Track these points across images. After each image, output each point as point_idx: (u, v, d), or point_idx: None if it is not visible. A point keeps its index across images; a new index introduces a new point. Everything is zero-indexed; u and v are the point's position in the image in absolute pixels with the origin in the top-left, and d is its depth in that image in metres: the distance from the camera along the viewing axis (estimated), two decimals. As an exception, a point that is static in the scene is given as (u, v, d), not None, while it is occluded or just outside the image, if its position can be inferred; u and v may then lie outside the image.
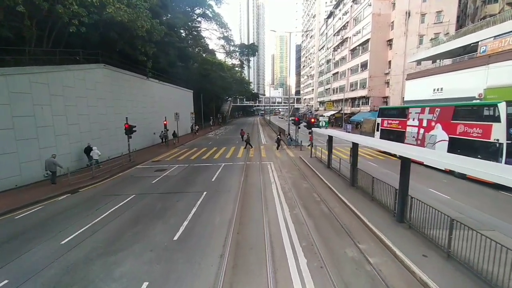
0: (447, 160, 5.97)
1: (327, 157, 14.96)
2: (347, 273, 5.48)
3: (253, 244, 6.71)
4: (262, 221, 8.09)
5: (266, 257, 6.07)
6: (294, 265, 5.75)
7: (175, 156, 20.71)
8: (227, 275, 5.45)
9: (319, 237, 7.02)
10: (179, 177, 14.04)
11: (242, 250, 6.43)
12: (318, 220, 8.09)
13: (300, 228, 7.57)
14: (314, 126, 17.73)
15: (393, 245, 6.29)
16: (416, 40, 35.39)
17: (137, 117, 23.75)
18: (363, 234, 7.21)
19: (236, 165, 16.57)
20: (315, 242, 6.76)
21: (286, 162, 17.30)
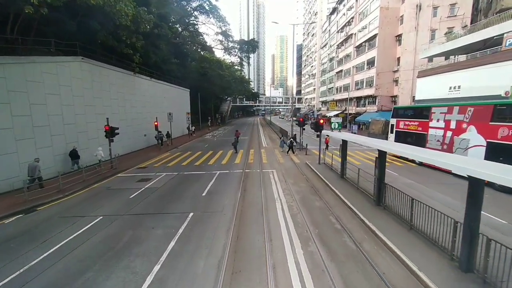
0: None
1: (341, 165, 12.60)
2: None
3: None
4: (266, 266, 5.72)
5: None
6: None
7: (165, 162, 18.34)
8: None
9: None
10: (164, 189, 11.67)
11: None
12: (345, 267, 5.69)
13: (321, 282, 5.19)
14: (323, 128, 15.31)
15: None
16: (428, 35, 33.04)
17: (124, 118, 21.43)
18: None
19: (233, 174, 14.21)
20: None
21: (291, 170, 14.93)
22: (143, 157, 20.08)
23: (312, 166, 15.44)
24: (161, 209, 9.26)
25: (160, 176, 14.15)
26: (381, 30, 36.16)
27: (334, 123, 12.52)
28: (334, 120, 12.50)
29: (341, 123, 12.40)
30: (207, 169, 15.70)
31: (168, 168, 16.35)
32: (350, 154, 20.00)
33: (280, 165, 16.37)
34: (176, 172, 14.94)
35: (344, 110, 50.05)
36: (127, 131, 21.85)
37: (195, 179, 13.38)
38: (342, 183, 11.72)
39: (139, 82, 24.14)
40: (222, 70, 53.02)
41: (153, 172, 15.16)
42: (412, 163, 17.42)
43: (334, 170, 14.25)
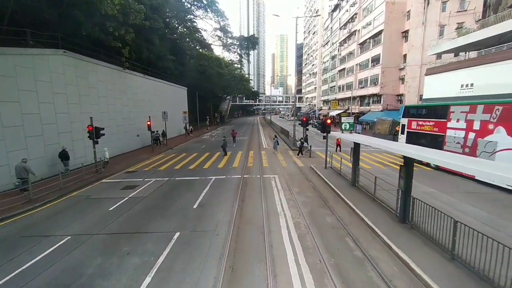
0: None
1: (352, 171, 11.08)
2: None
3: None
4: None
5: None
6: None
7: (157, 165, 16.83)
8: None
9: None
10: (150, 200, 10.16)
11: None
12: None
13: None
14: (330, 129, 13.79)
15: None
16: (436, 30, 31.48)
17: (114, 117, 19.92)
18: None
19: (230, 180, 12.69)
20: None
21: (295, 176, 13.42)
22: (134, 160, 18.57)
23: (318, 171, 13.92)
24: (142, 227, 7.75)
25: (148, 183, 12.64)
26: (386, 26, 34.62)
27: (345, 124, 11.01)
28: (345, 121, 10.99)
29: (353, 123, 10.86)
30: (202, 173, 14.18)
31: (159, 172, 14.84)
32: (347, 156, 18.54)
33: (282, 169, 14.86)
34: (167, 178, 13.43)
35: (347, 109, 48.54)
36: (117, 132, 20.37)
37: (187, 186, 11.86)
38: (354, 193, 10.20)
39: (131, 79, 22.59)
40: (221, 68, 51.46)
41: (142, 178, 13.64)
42: (427, 166, 15.93)
43: (343, 176, 12.74)
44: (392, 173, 13.91)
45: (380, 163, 16.86)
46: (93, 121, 15.81)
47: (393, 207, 8.16)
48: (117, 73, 20.24)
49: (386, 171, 14.32)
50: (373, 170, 14.00)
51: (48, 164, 13.63)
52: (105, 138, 18.58)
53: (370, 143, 9.41)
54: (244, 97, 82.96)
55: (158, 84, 28.69)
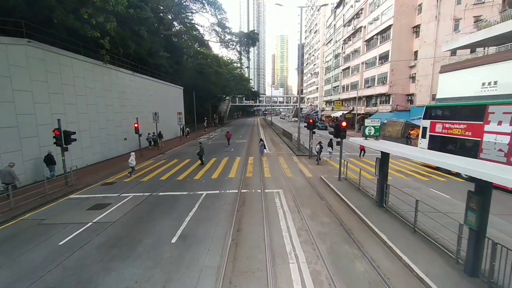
0: None
1: (378, 189, 8.72)
2: None
3: None
4: None
5: None
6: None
7: (141, 174, 14.50)
8: None
9: None
10: (117, 228, 7.79)
11: None
12: None
13: None
14: (345, 133, 11.43)
15: None
16: (451, 25, 29.17)
17: (95, 119, 17.58)
18: None
19: (224, 197, 10.32)
20: None
21: (304, 191, 11.05)
22: (117, 167, 16.23)
23: (331, 183, 11.55)
24: (91, 278, 5.38)
25: (124, 200, 10.28)
26: (396, 20, 32.31)
27: (369, 128, 8.63)
28: (369, 124, 8.60)
29: (379, 127, 8.49)
30: (191, 187, 11.81)
31: (141, 184, 12.48)
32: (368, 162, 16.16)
33: (287, 181, 12.48)
34: (149, 193, 11.06)
35: (352, 110, 46.20)
36: (99, 135, 18.03)
37: (170, 205, 9.49)
38: (385, 219, 7.83)
39: (116, 76, 20.26)
40: (220, 67, 49.17)
41: (119, 192, 11.28)
42: (456, 177, 13.58)
43: (362, 191, 10.37)
44: (420, 185, 11.57)
45: (399, 171, 14.51)
46: (69, 123, 13.65)
47: (451, 248, 5.80)
48: (99, 68, 17.91)
49: (412, 184, 11.97)
50: (394, 181, 11.68)
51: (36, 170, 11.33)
52: (84, 142, 16.42)
53: (407, 154, 7.04)
54: (244, 97, 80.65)
55: (150, 82, 26.37)
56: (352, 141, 9.53)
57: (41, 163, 12.96)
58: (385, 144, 8.42)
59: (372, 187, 10.53)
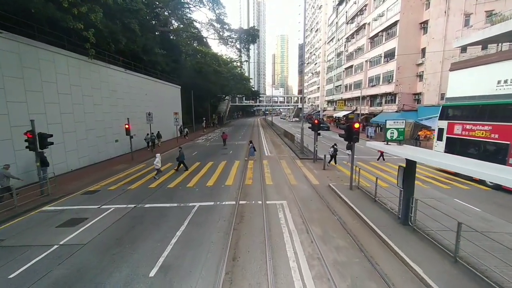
0: None
1: (403, 203, 7.29)
2: None
3: None
4: None
5: None
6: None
7: (130, 180, 13.10)
8: None
9: None
10: (87, 254, 6.38)
11: None
12: None
13: None
14: (358, 136, 10.00)
15: None
16: (461, 20, 27.74)
17: (81, 119, 16.19)
18: None
19: (219, 210, 8.90)
20: None
21: (311, 201, 9.64)
22: (104, 172, 14.85)
23: (342, 193, 10.14)
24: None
25: (104, 213, 8.88)
26: (403, 16, 30.89)
27: (392, 131, 7.22)
28: (391, 126, 7.18)
29: (403, 130, 7.07)
30: (183, 196, 10.40)
31: (127, 194, 11.07)
32: (379, 167, 14.72)
33: (291, 189, 11.06)
34: (134, 204, 9.65)
35: (355, 110, 44.81)
36: (87, 137, 16.63)
37: (155, 222, 8.07)
38: (415, 242, 6.41)
39: (106, 73, 18.85)
40: (219, 66, 47.79)
41: (100, 204, 9.88)
42: (480, 184, 12.17)
43: (379, 203, 8.95)
44: (442, 195, 10.14)
45: (423, 180, 13.03)
46: (50, 124, 12.28)
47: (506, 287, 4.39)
48: (86, 65, 16.51)
49: (433, 193, 10.55)
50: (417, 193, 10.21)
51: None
52: (69, 145, 15.01)
53: (447, 165, 5.62)
54: (244, 97, 79.16)
55: (144, 81, 24.96)
56: (370, 146, 8.11)
57: (33, 165, 11.81)
58: (411, 150, 6.99)
59: (389, 197, 9.12)
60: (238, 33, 33.15)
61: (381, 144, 7.52)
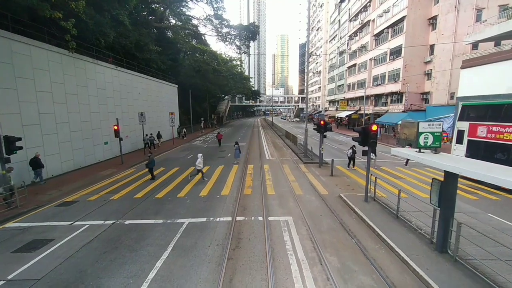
0: None
1: (440, 226, 5.84)
2: None
3: None
4: None
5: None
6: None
7: (114, 189, 11.65)
8: None
9: None
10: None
11: None
12: None
13: None
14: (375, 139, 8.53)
15: None
16: (472, 15, 26.29)
17: (64, 119, 14.77)
18: None
19: (212, 229, 7.45)
20: None
21: (322, 218, 8.19)
22: (88, 179, 13.42)
23: (355, 205, 8.69)
24: None
25: (75, 232, 7.44)
26: (410, 11, 29.45)
27: (426, 136, 5.74)
28: (425, 129, 5.71)
29: (440, 135, 5.61)
30: (171, 210, 8.95)
31: (109, 205, 9.62)
32: (392, 173, 13.25)
33: (297, 201, 9.60)
34: (112, 220, 8.20)
35: (358, 110, 43.38)
36: (71, 139, 15.19)
37: (132, 246, 6.61)
38: (461, 281, 4.95)
39: (94, 70, 17.40)
40: (219, 64, 46.34)
41: (74, 218, 8.44)
42: (510, 194, 10.71)
43: (403, 220, 7.50)
44: (472, 208, 8.66)
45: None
46: (26, 125, 10.98)
47: None
48: (70, 60, 15.06)
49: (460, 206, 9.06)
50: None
51: None
52: (49, 148, 13.52)
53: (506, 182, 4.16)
54: (244, 97, 77.67)
55: (137, 79, 23.51)
56: (397, 153, 6.66)
57: (27, 167, 11.68)
58: (452, 159, 5.52)
59: (411, 211, 7.70)
60: (237, 29, 31.68)
61: (411, 151, 6.06)
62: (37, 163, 12.02)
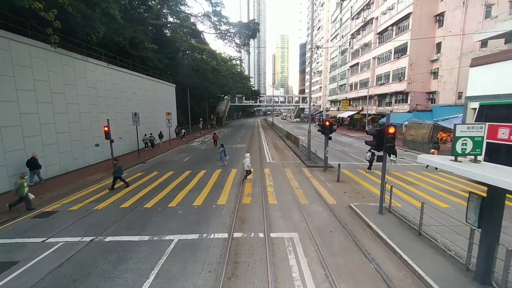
0: None
1: (480, 251, 4.76)
2: None
3: None
4: None
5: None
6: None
7: (101, 196, 10.60)
8: None
9: None
10: None
11: None
12: None
13: None
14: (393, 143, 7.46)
15: None
16: (481, 11, 25.25)
17: (50, 120, 13.70)
18: None
19: (205, 249, 6.39)
20: None
21: (333, 235, 7.12)
22: (75, 184, 12.40)
23: (369, 218, 7.63)
24: None
25: (45, 252, 6.38)
26: (416, 8, 28.41)
27: (464, 141, 4.66)
28: (463, 133, 4.64)
29: (481, 141, 4.55)
30: (159, 224, 7.88)
31: (91, 216, 8.56)
32: (402, 177, 12.17)
33: (302, 212, 8.53)
34: (91, 237, 7.14)
35: (361, 110, 42.33)
36: (57, 141, 14.13)
37: (108, 272, 5.55)
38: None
39: (84, 67, 16.35)
40: (218, 64, 45.28)
41: (48, 234, 7.38)
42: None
43: (428, 239, 6.44)
44: (508, 224, 7.56)
45: (451, 193, 10.50)
46: (4, 127, 10.02)
47: None
48: (56, 56, 14.01)
49: None
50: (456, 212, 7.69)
51: None
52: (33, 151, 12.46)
53: None
54: (244, 97, 76.61)
55: (132, 77, 22.45)
56: (426, 162, 5.59)
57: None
58: (497, 170, 4.45)
59: (432, 225, 6.66)
60: (237, 26, 30.63)
61: (444, 160, 4.99)
62: (35, 164, 11.94)
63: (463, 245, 5.82)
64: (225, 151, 16.36)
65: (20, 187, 8.88)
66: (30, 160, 11.78)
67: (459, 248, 5.93)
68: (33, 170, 11.95)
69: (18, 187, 8.88)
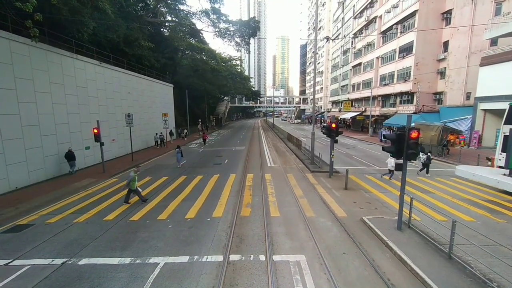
0: None
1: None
2: None
3: None
4: None
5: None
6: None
7: (85, 205, 9.56)
8: None
9: None
10: None
11: None
12: None
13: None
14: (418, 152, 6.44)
15: None
16: (491, 8, 24.24)
17: (34, 122, 12.67)
18: None
19: (195, 278, 5.34)
20: None
21: (344, 255, 6.10)
22: (59, 191, 11.40)
23: (387, 236, 6.59)
24: None
25: (4, 281, 5.33)
26: (422, 5, 27.42)
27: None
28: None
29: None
30: (144, 242, 6.83)
31: (68, 232, 7.52)
32: (414, 184, 11.08)
33: (309, 228, 7.48)
34: (64, 259, 6.10)
35: (364, 111, 41.30)
36: (42, 144, 13.11)
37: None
38: None
39: (73, 65, 15.35)
40: (217, 64, 44.32)
41: (14, 255, 6.35)
42: None
43: (460, 263, 5.40)
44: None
45: (477, 205, 9.35)
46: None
47: None
48: (41, 53, 13.01)
49: None
50: (485, 227, 6.70)
51: None
52: (12, 156, 11.31)
53: None
54: (244, 98, 75.60)
55: (126, 77, 21.42)
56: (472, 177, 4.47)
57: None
58: None
59: (460, 244, 5.63)
60: (236, 25, 29.64)
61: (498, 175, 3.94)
62: (71, 156, 14.14)
63: (503, 272, 4.80)
64: (181, 152, 16.01)
65: (132, 180, 9.30)
66: (67, 153, 13.96)
67: (499, 277, 4.91)
68: (70, 161, 14.06)
69: (131, 180, 9.28)
